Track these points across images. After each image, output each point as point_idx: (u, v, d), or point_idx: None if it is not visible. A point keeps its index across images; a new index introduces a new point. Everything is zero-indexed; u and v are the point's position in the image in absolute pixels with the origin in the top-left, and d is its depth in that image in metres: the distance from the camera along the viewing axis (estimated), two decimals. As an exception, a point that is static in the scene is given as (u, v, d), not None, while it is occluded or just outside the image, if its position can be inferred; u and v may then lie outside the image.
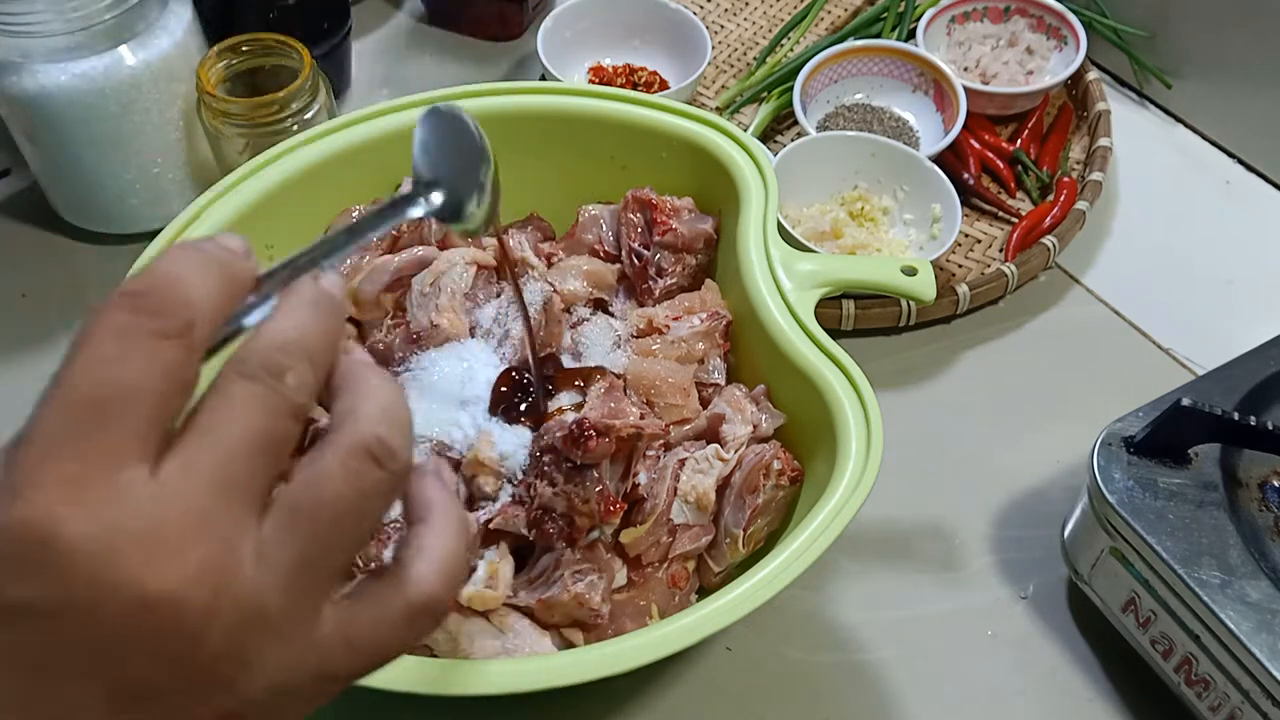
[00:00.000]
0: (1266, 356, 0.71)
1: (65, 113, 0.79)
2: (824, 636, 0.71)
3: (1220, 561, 0.61)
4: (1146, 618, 0.65)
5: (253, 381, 0.32)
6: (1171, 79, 1.00)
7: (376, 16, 1.07)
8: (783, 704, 0.68)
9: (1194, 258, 0.92)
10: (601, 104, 0.78)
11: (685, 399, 0.69)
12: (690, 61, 0.97)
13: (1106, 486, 0.65)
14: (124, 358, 0.30)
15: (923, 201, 0.88)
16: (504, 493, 0.64)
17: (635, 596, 0.64)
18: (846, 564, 0.73)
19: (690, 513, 0.65)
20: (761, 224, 0.72)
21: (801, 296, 0.69)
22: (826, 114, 0.96)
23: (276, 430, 0.32)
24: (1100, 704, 0.68)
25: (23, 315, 0.85)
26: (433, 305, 0.70)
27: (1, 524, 0.29)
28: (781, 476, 0.65)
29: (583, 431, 0.61)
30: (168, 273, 0.31)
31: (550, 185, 0.80)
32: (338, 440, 0.33)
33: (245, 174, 0.73)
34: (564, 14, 0.98)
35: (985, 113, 0.97)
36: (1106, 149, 0.93)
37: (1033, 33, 1.01)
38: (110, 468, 0.29)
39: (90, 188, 0.84)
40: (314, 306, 0.34)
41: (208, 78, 0.77)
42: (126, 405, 0.30)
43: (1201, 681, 0.63)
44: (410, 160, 0.48)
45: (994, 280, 0.85)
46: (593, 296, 0.75)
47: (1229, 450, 0.67)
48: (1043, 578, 0.73)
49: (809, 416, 0.66)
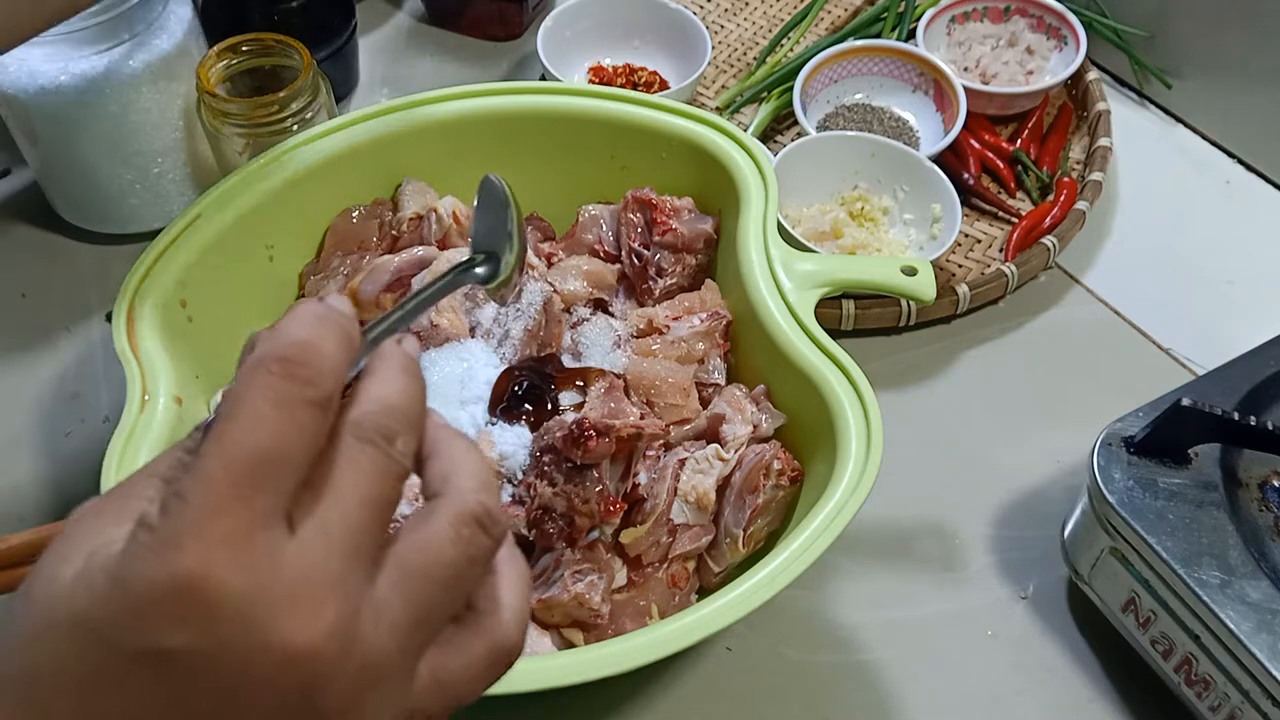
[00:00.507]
0: (1266, 356, 0.71)
1: (65, 113, 0.79)
2: (824, 636, 0.71)
3: (1220, 561, 0.61)
4: (1146, 618, 0.65)
5: (372, 446, 0.34)
6: (1171, 79, 1.00)
7: (377, 16, 1.07)
8: (783, 704, 0.68)
9: (1194, 258, 0.92)
10: (601, 104, 0.78)
11: (685, 399, 0.69)
12: (690, 61, 0.97)
13: (1106, 486, 0.65)
14: (282, 424, 0.32)
15: (923, 201, 0.88)
16: (504, 493, 0.64)
17: (635, 596, 0.64)
18: (846, 564, 0.73)
19: (690, 513, 0.65)
20: (761, 224, 0.72)
21: (801, 296, 0.69)
22: (826, 114, 0.96)
23: (390, 493, 0.35)
24: (1100, 704, 0.68)
25: (23, 315, 0.85)
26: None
27: (164, 573, 0.30)
28: (781, 476, 0.65)
29: (583, 431, 0.61)
30: (314, 342, 0.34)
31: (550, 185, 0.80)
32: (446, 507, 0.35)
33: (245, 174, 0.73)
34: (564, 14, 0.98)
35: (985, 113, 0.97)
36: (1106, 149, 0.93)
37: (1033, 33, 1.01)
38: (262, 527, 0.32)
39: (90, 188, 0.84)
40: (407, 373, 0.37)
41: (208, 78, 0.77)
42: (281, 469, 0.32)
43: (1201, 681, 0.63)
44: (409, 159, 0.49)
45: (994, 280, 0.85)
46: (593, 296, 0.75)
47: (1229, 450, 0.67)
48: (1043, 578, 0.73)
49: (809, 416, 0.66)
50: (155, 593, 0.30)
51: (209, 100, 0.78)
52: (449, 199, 0.76)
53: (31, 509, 0.74)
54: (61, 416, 0.79)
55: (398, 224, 0.76)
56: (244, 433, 0.32)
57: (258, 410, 0.32)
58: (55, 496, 0.75)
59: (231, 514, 0.31)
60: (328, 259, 0.76)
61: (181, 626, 0.31)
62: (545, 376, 0.68)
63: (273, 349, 0.33)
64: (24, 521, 0.73)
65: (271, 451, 0.32)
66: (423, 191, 0.78)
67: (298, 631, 0.31)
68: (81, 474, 0.75)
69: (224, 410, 0.33)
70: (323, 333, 0.34)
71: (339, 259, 0.76)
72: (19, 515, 0.74)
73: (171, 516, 0.31)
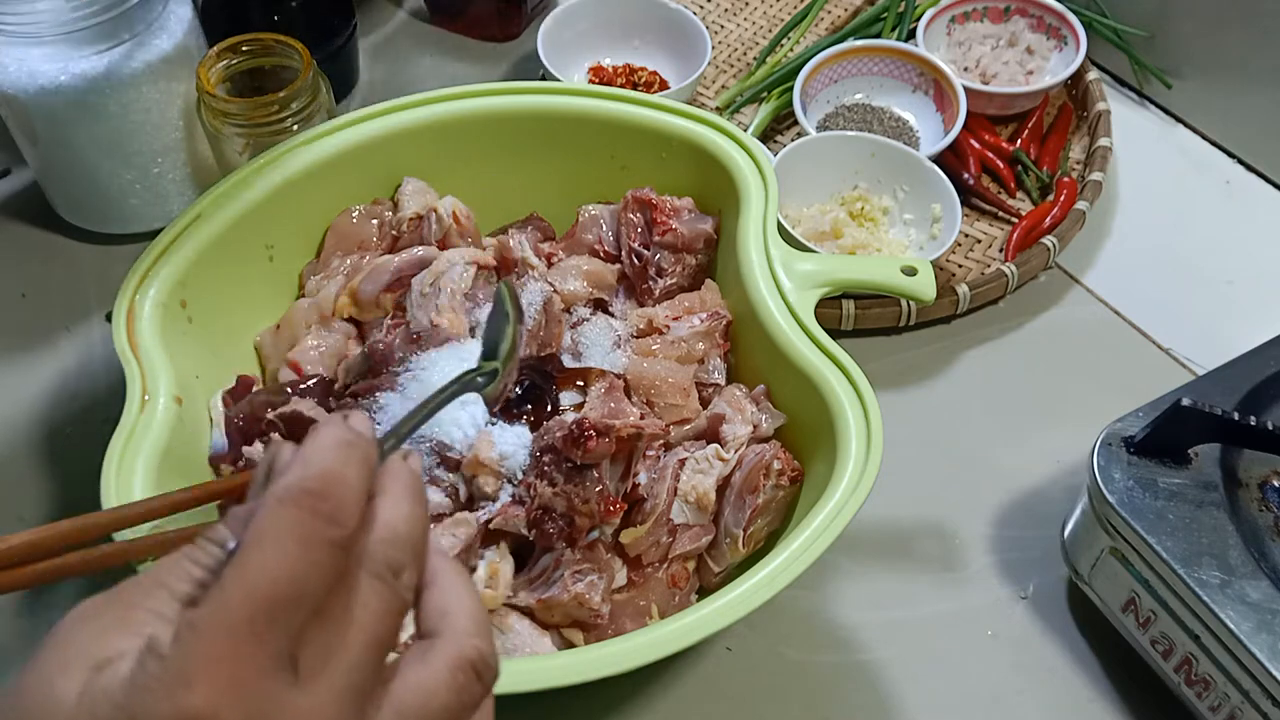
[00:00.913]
0: (1266, 356, 0.71)
1: (65, 113, 0.79)
2: (824, 637, 0.70)
3: (1220, 561, 0.61)
4: (1146, 618, 0.65)
5: (380, 582, 0.35)
6: (1171, 79, 1.00)
7: (377, 16, 1.07)
8: (783, 704, 0.68)
9: (1194, 258, 0.92)
10: (601, 104, 0.78)
11: (685, 399, 0.69)
12: (690, 61, 0.97)
13: (1106, 486, 0.65)
14: (304, 563, 0.32)
15: (923, 201, 0.88)
16: (504, 493, 0.64)
17: (635, 596, 0.64)
18: (846, 564, 0.73)
19: (690, 513, 0.65)
20: (761, 224, 0.72)
21: (801, 296, 0.69)
22: (826, 114, 0.96)
23: (393, 630, 0.35)
24: (1100, 704, 0.68)
25: (23, 315, 0.85)
26: (433, 305, 0.70)
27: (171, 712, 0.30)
28: (781, 476, 0.65)
29: (583, 431, 0.61)
30: (339, 474, 0.34)
31: (550, 185, 0.80)
32: (444, 650, 0.36)
33: (245, 174, 0.73)
34: (564, 14, 0.98)
35: (985, 113, 0.97)
36: (1106, 149, 0.93)
37: (1033, 33, 1.01)
38: (272, 671, 0.31)
39: (90, 188, 0.84)
40: (413, 497, 0.37)
41: (208, 78, 0.77)
42: (297, 609, 0.32)
43: (1201, 681, 0.63)
44: (409, 159, 0.49)
45: (994, 280, 0.85)
46: (593, 296, 0.75)
47: (1229, 450, 0.67)
48: (1043, 578, 0.73)
49: (809, 417, 0.66)
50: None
51: (209, 100, 0.78)
52: (449, 199, 0.76)
53: (31, 509, 0.74)
54: (61, 416, 0.79)
55: (398, 224, 0.76)
56: (267, 569, 0.32)
57: (283, 546, 0.32)
58: (55, 496, 0.75)
59: (244, 656, 0.31)
60: (328, 259, 0.76)
61: None
62: (545, 376, 0.68)
63: (300, 481, 0.33)
64: (24, 522, 0.73)
65: (291, 591, 0.32)
66: (423, 191, 0.78)
67: None
68: (81, 474, 0.75)
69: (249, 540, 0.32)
70: (347, 461, 0.34)
71: (339, 259, 0.76)
72: (19, 515, 0.74)
73: (184, 648, 0.31)
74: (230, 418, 0.68)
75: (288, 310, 0.75)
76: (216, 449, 0.68)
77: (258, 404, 0.68)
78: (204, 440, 0.68)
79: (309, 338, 0.72)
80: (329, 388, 0.70)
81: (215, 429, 0.68)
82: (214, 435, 0.68)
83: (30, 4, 0.74)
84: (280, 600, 0.31)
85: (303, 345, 0.72)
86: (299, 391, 0.69)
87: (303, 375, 0.71)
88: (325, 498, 0.33)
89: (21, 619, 0.70)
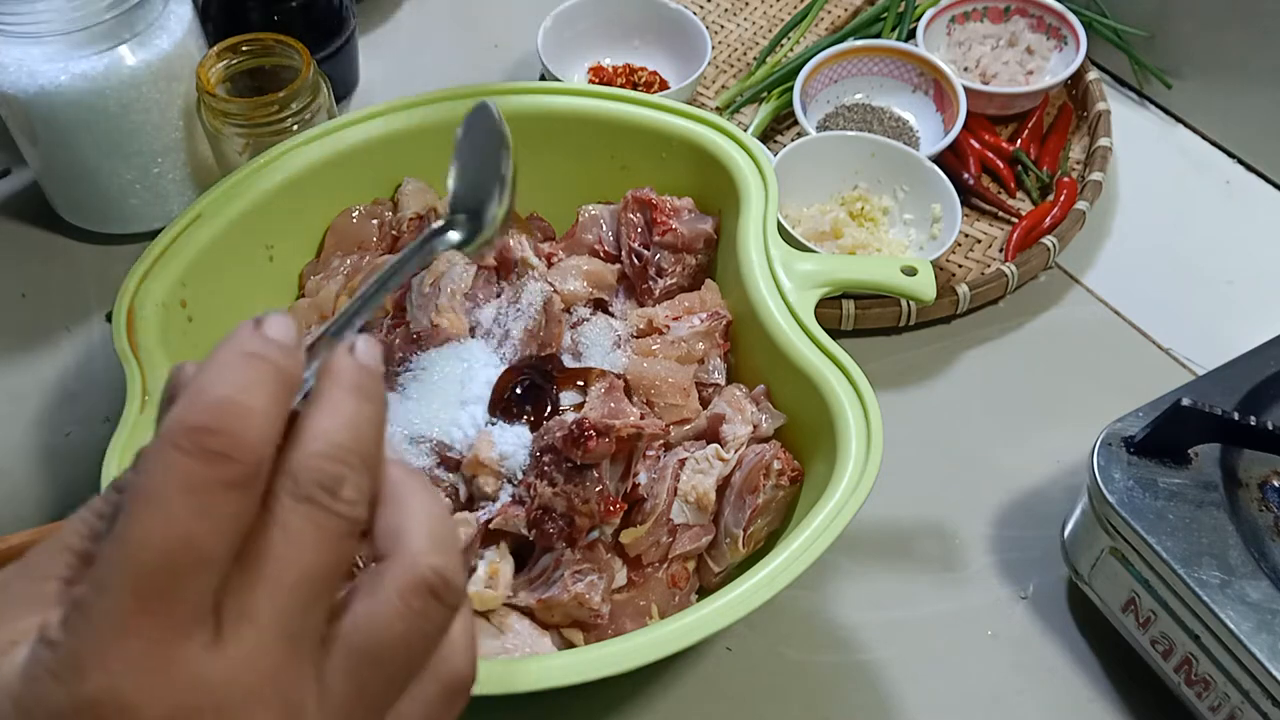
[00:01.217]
0: (1266, 356, 0.71)
1: (65, 113, 0.79)
2: (824, 637, 0.70)
3: (1220, 561, 0.61)
4: (1146, 618, 0.65)
5: (309, 505, 0.30)
6: (1171, 79, 1.00)
7: (377, 16, 1.07)
8: (783, 704, 0.68)
9: (1194, 258, 0.92)
10: (601, 104, 0.78)
11: (685, 399, 0.69)
12: (690, 61, 0.97)
13: (1106, 486, 0.65)
14: (194, 519, 0.28)
15: (923, 201, 0.88)
16: (504, 493, 0.64)
17: (635, 596, 0.64)
18: (846, 564, 0.73)
19: (690, 513, 0.65)
20: (761, 224, 0.72)
21: (801, 296, 0.69)
22: (826, 114, 0.96)
23: (336, 558, 0.30)
24: (1100, 704, 0.68)
25: (23, 315, 0.85)
26: (433, 305, 0.70)
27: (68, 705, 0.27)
28: (781, 476, 0.65)
29: (583, 431, 0.61)
30: (229, 401, 0.28)
31: (550, 185, 0.80)
32: (393, 575, 0.31)
33: (245, 174, 0.73)
34: (564, 14, 0.98)
35: (985, 113, 0.97)
36: (1106, 149, 0.93)
37: (1033, 33, 1.01)
38: (177, 641, 0.28)
39: (90, 188, 0.84)
40: (357, 393, 0.32)
41: (208, 78, 0.77)
42: (197, 573, 0.28)
43: (1201, 681, 0.63)
44: (409, 159, 0.48)
45: (994, 280, 0.85)
46: (593, 296, 0.75)
47: (1229, 450, 0.67)
48: (1043, 578, 0.73)
49: (809, 417, 0.66)
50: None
51: (209, 100, 0.78)
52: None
53: (32, 509, 0.74)
54: (61, 416, 0.79)
55: (398, 224, 0.76)
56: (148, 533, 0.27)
57: (165, 503, 0.27)
58: (55, 496, 0.75)
59: (140, 632, 0.27)
60: (328, 259, 0.76)
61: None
62: (546, 376, 0.68)
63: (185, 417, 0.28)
64: (24, 521, 0.73)
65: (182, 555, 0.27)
66: (423, 191, 0.78)
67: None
68: (81, 474, 0.75)
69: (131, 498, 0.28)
70: (249, 383, 0.29)
71: (339, 259, 0.76)
72: (19, 515, 0.74)
73: (71, 634, 0.27)
74: (230, 418, 0.68)
75: (288, 310, 0.75)
76: (216, 449, 0.68)
77: (258, 404, 0.68)
78: (204, 440, 0.68)
79: (309, 338, 0.72)
80: (329, 388, 0.69)
81: (215, 429, 0.68)
82: (214, 435, 0.68)
83: (30, 4, 0.74)
84: (171, 568, 0.27)
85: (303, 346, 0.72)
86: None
87: (303, 375, 0.71)
88: (214, 431, 0.28)
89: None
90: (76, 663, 0.27)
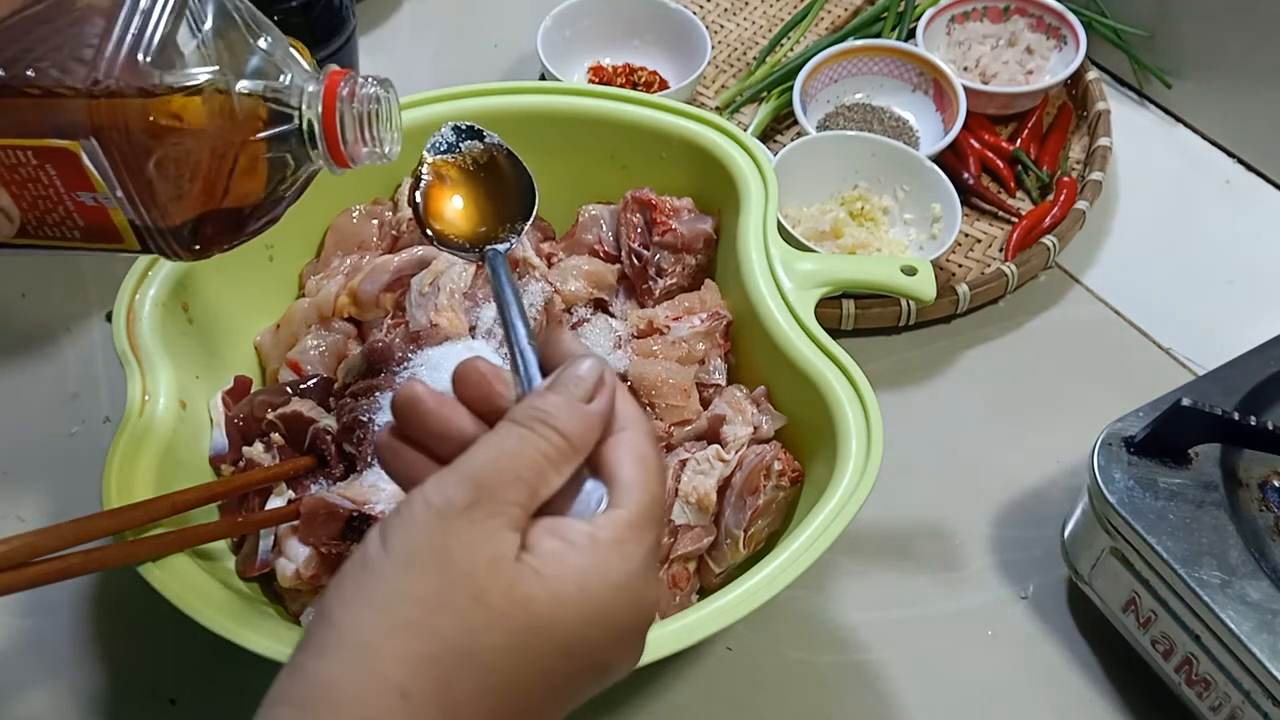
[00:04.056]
0: (1266, 356, 0.71)
1: (65, 113, 0.78)
2: (824, 636, 0.71)
3: (1220, 561, 0.61)
4: (1147, 618, 0.65)
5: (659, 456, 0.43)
6: (1171, 79, 1.00)
7: (377, 16, 1.07)
8: (783, 704, 0.68)
9: (1194, 257, 0.92)
10: (601, 104, 0.78)
11: (686, 400, 0.69)
12: (690, 61, 0.97)
13: (1107, 486, 0.65)
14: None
15: (923, 201, 0.88)
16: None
17: (635, 597, 0.64)
18: (846, 564, 0.73)
19: (691, 513, 0.65)
20: (761, 224, 0.72)
21: (801, 296, 0.69)
22: (826, 114, 0.96)
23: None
24: (1100, 704, 0.68)
25: (23, 315, 0.85)
26: (432, 305, 0.70)
27: (652, 599, 0.41)
28: (782, 477, 0.65)
29: (583, 432, 0.60)
30: (596, 415, 0.41)
31: (550, 185, 0.79)
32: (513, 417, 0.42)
33: (245, 174, 0.73)
34: (564, 14, 0.98)
35: (985, 112, 0.97)
36: (1106, 149, 0.93)
37: (1032, 32, 1.01)
38: None
39: (90, 188, 0.84)
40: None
41: (208, 78, 0.77)
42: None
43: (1202, 681, 0.63)
44: (409, 159, 0.48)
45: (994, 280, 0.85)
46: (593, 297, 0.75)
47: (1229, 450, 0.67)
48: (1043, 578, 0.73)
49: (809, 417, 0.66)
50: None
51: (209, 100, 0.77)
52: (449, 199, 0.76)
53: (32, 509, 0.74)
54: (62, 416, 0.79)
55: (398, 224, 0.76)
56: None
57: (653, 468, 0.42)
58: (55, 497, 0.75)
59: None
60: (328, 259, 0.76)
61: (635, 650, 0.42)
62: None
63: (567, 427, 0.41)
64: (24, 522, 0.73)
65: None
66: (423, 191, 0.78)
67: (645, 622, 0.41)
68: (81, 474, 0.75)
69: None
70: (592, 426, 0.41)
71: (339, 259, 0.76)
72: (19, 515, 0.74)
73: (645, 550, 0.40)
74: (230, 418, 0.68)
75: (287, 310, 0.75)
76: (216, 449, 0.68)
77: (258, 404, 0.68)
78: (204, 440, 0.68)
79: (309, 338, 0.72)
80: (329, 388, 0.70)
81: (215, 429, 0.68)
82: (214, 435, 0.68)
83: (30, 4, 0.74)
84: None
85: (303, 345, 0.72)
86: (299, 392, 0.69)
87: (303, 375, 0.71)
88: (577, 448, 0.41)
89: (22, 619, 0.70)
90: (649, 566, 0.40)
